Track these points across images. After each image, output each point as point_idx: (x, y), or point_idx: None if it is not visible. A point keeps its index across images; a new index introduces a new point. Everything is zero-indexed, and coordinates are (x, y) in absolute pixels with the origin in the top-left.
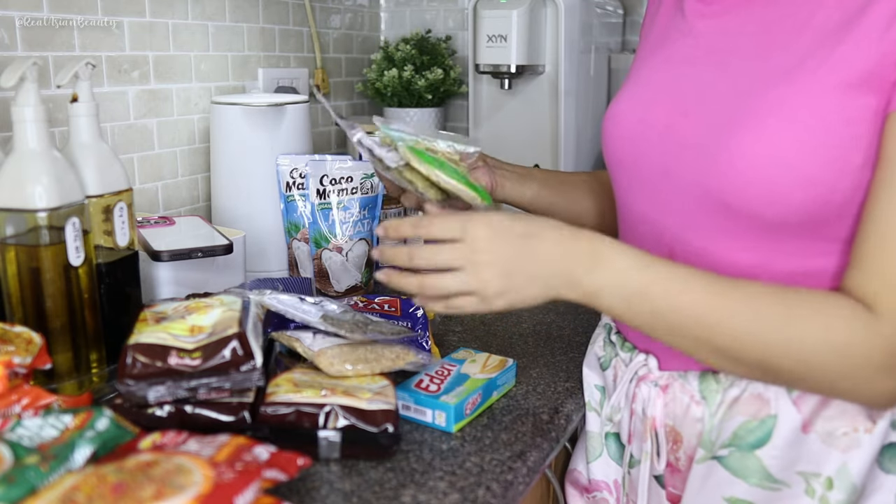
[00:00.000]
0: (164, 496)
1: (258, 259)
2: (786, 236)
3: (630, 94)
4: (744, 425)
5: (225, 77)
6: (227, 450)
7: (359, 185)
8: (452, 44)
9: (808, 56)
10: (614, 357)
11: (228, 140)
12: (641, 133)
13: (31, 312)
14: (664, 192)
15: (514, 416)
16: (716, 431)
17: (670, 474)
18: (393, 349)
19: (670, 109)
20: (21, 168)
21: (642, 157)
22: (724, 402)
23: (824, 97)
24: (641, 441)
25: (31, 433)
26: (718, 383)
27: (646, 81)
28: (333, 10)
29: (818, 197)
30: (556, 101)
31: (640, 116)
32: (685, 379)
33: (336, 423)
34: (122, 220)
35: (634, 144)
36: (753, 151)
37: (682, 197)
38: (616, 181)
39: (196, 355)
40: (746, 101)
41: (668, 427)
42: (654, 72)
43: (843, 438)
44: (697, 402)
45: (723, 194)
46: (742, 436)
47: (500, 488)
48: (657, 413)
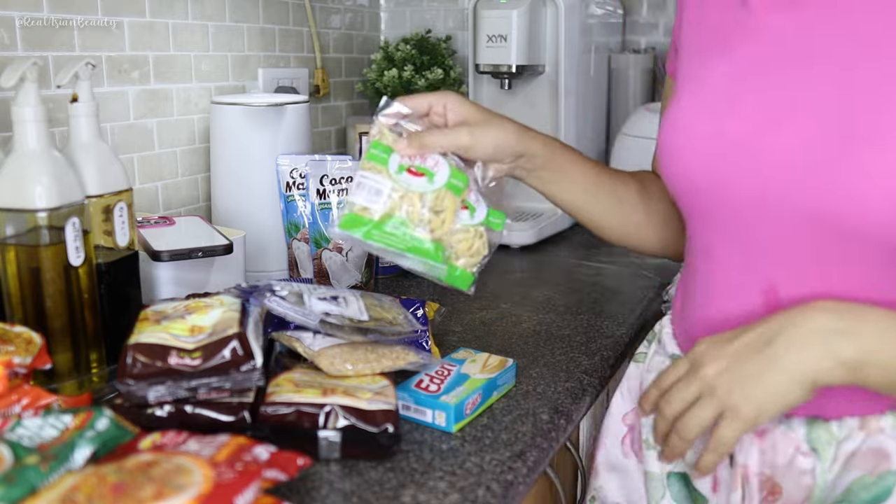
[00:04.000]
0: (164, 496)
1: (258, 259)
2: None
3: (693, 103)
4: (859, 480)
5: (225, 77)
6: (227, 450)
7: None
8: (452, 44)
9: None
10: None
11: (228, 140)
12: (718, 149)
13: (31, 312)
14: (758, 217)
15: (514, 416)
16: (829, 488)
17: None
18: (393, 349)
19: (754, 122)
20: (21, 168)
21: (726, 177)
22: (839, 456)
23: None
24: (729, 490)
25: (31, 433)
26: (831, 434)
27: (710, 87)
28: (333, 10)
29: None
30: (556, 101)
31: (713, 129)
32: (789, 426)
33: (336, 423)
34: (122, 220)
35: (711, 162)
36: (878, 173)
37: (783, 222)
38: (687, 206)
39: (196, 355)
40: (857, 113)
41: (765, 477)
42: (720, 77)
43: None
44: (805, 454)
45: (840, 220)
46: (856, 492)
47: (500, 488)
48: (752, 461)
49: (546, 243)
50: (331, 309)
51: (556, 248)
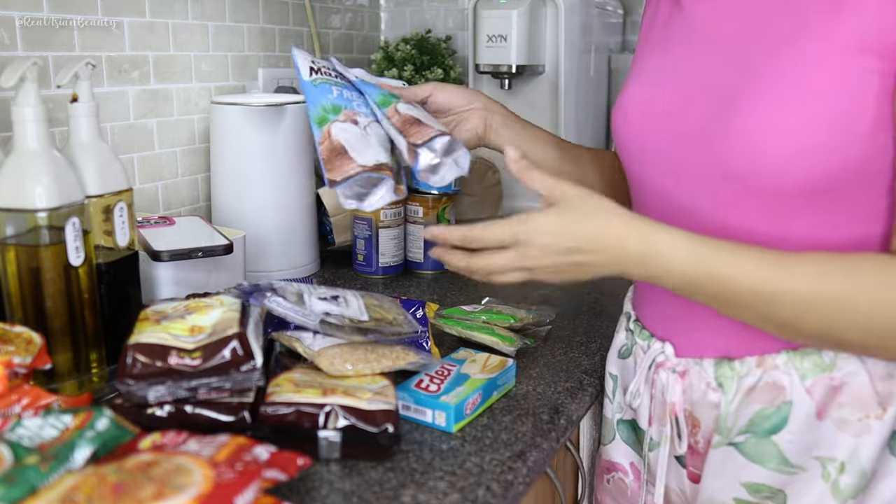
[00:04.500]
0: (164, 496)
1: (258, 259)
2: (802, 212)
3: (634, 87)
4: (760, 412)
5: (225, 77)
6: (227, 450)
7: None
8: (452, 44)
9: (805, 26)
10: (634, 345)
11: (228, 140)
12: (647, 124)
13: (31, 312)
14: (677, 183)
15: (514, 416)
16: (732, 418)
17: (690, 455)
18: (393, 349)
19: (673, 97)
20: (21, 168)
21: (650, 149)
22: (740, 389)
23: (825, 64)
24: (661, 424)
25: (31, 433)
26: (733, 370)
27: (648, 71)
28: (333, 10)
29: (831, 165)
30: (556, 101)
31: (645, 108)
32: (701, 366)
33: (336, 423)
34: (122, 220)
35: (641, 134)
36: (760, 125)
37: (696, 186)
38: (629, 175)
39: (196, 355)
40: (747, 77)
41: (687, 412)
42: (655, 61)
43: (855, 424)
44: (714, 389)
45: (733, 174)
46: (758, 422)
47: (500, 488)
48: (676, 398)
49: None
50: (331, 309)
51: None
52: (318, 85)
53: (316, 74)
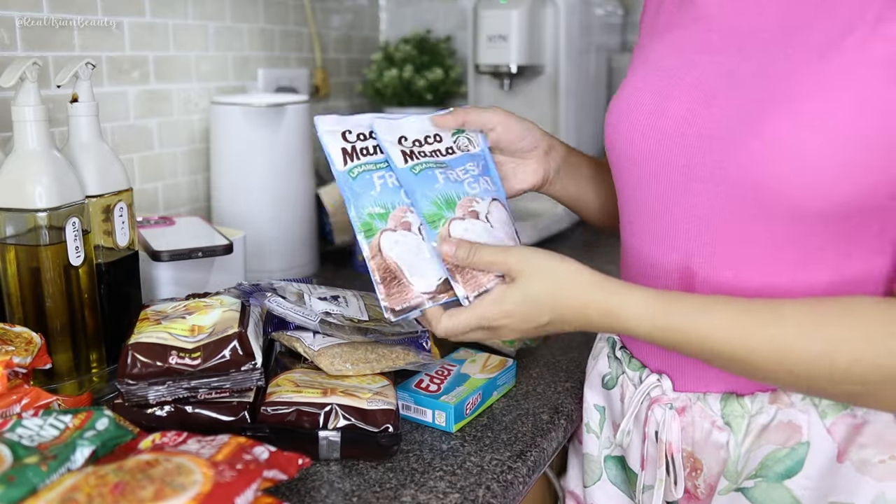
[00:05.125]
0: (164, 496)
1: (258, 259)
2: (824, 235)
3: (639, 84)
4: (772, 454)
5: (225, 77)
6: (227, 450)
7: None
8: (452, 44)
9: (845, 33)
10: (621, 375)
11: (228, 140)
12: (655, 125)
13: (31, 312)
14: (684, 190)
15: (514, 416)
16: (742, 461)
17: (685, 501)
18: (393, 349)
19: (688, 99)
20: (21, 168)
21: (658, 152)
22: (751, 429)
23: (866, 77)
24: (655, 467)
25: (31, 433)
26: (743, 408)
27: (655, 70)
28: (333, 10)
29: (863, 188)
30: (556, 101)
31: (654, 107)
32: (705, 402)
33: (336, 423)
34: (122, 220)
35: (648, 138)
36: (791, 138)
37: (703, 197)
38: (622, 179)
39: (196, 355)
40: (778, 84)
41: (686, 453)
42: (665, 59)
43: (879, 466)
44: (720, 428)
45: (757, 188)
46: (770, 465)
47: (500, 488)
48: (673, 438)
49: (546, 243)
50: (331, 308)
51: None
52: (358, 177)
53: (352, 160)
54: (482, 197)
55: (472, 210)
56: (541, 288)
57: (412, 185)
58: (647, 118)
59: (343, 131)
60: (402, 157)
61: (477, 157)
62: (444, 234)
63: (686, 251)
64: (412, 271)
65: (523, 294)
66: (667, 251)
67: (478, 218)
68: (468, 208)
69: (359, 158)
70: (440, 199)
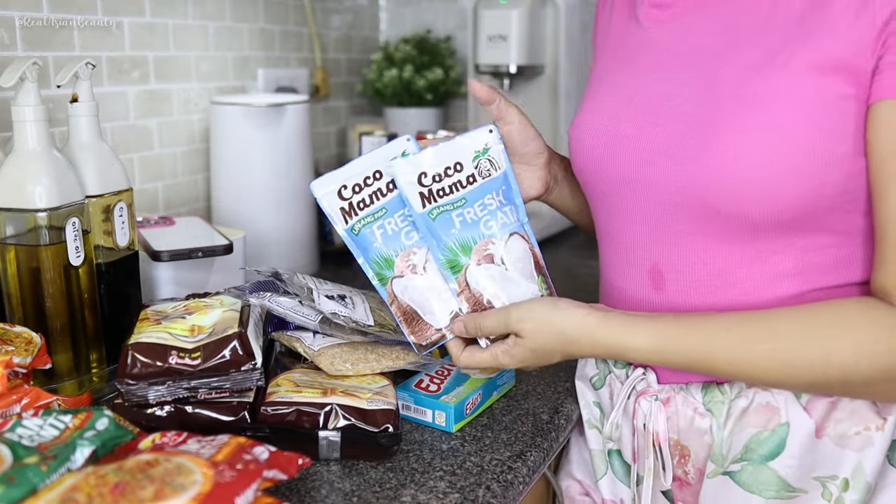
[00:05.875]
0: (164, 496)
1: (258, 259)
2: (778, 234)
3: (593, 106)
4: (755, 437)
5: (225, 77)
6: (227, 450)
7: (474, 171)
8: (452, 44)
9: (779, 49)
10: (608, 374)
11: (228, 140)
12: (606, 144)
13: (31, 312)
14: (637, 204)
15: (514, 416)
16: (726, 444)
17: (678, 489)
18: (393, 349)
19: (637, 120)
20: (21, 168)
21: (612, 170)
22: (731, 413)
23: (801, 88)
24: (645, 458)
25: (31, 433)
26: (724, 394)
27: (609, 92)
28: (333, 10)
29: (808, 191)
30: (556, 101)
31: (606, 128)
32: (687, 391)
33: (336, 423)
34: (122, 220)
35: (600, 155)
36: (736, 150)
37: (656, 206)
38: (588, 194)
39: (196, 355)
40: (721, 102)
41: (673, 441)
42: (616, 81)
43: (855, 438)
44: (702, 415)
45: (706, 198)
46: (754, 448)
47: (500, 488)
48: (660, 428)
49: (546, 243)
50: (339, 310)
51: (556, 247)
52: (360, 233)
53: (351, 217)
54: (498, 236)
55: (487, 254)
56: (545, 339)
57: (429, 231)
58: (600, 137)
59: (339, 189)
60: (420, 200)
61: (497, 183)
62: (462, 282)
63: (652, 254)
64: (424, 311)
65: (531, 348)
66: (636, 256)
67: (492, 262)
68: (483, 252)
69: (357, 214)
70: (456, 246)
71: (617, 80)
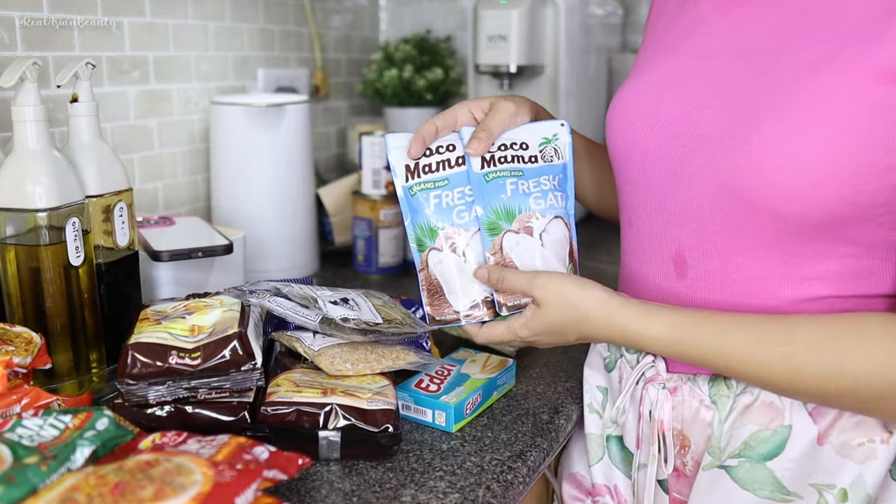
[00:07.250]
0: (164, 496)
1: (258, 259)
2: (803, 238)
3: (638, 86)
4: (755, 435)
5: (225, 77)
6: (227, 450)
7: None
8: (452, 44)
9: (839, 50)
10: (619, 358)
11: (228, 140)
12: (651, 126)
13: (31, 312)
14: (675, 187)
15: (514, 416)
16: (725, 438)
17: (675, 479)
18: (393, 349)
19: (683, 102)
20: (21, 168)
21: (652, 151)
22: (734, 408)
23: (854, 93)
24: (649, 444)
25: (31, 433)
26: (729, 388)
27: (655, 73)
28: (333, 10)
29: (842, 197)
30: (556, 101)
31: (650, 109)
32: (694, 382)
33: (336, 423)
34: (122, 220)
35: (643, 137)
36: (778, 146)
37: (695, 192)
38: (621, 174)
39: (196, 355)
40: (771, 94)
41: (676, 431)
42: (664, 63)
43: (858, 450)
44: (707, 407)
45: (742, 190)
46: (753, 446)
47: (500, 488)
48: (665, 416)
49: None
50: (348, 314)
51: None
52: (416, 195)
53: (413, 178)
54: (544, 213)
55: (527, 226)
56: (562, 316)
57: (481, 191)
58: (643, 119)
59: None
60: (480, 161)
61: (556, 170)
62: (497, 245)
63: (679, 243)
64: (450, 290)
65: (548, 322)
66: (662, 243)
67: (531, 234)
68: (525, 223)
69: (419, 176)
70: (501, 210)
71: (662, 62)
